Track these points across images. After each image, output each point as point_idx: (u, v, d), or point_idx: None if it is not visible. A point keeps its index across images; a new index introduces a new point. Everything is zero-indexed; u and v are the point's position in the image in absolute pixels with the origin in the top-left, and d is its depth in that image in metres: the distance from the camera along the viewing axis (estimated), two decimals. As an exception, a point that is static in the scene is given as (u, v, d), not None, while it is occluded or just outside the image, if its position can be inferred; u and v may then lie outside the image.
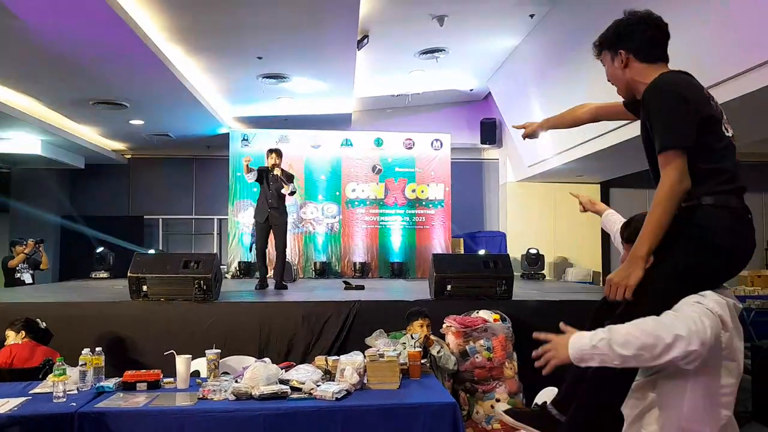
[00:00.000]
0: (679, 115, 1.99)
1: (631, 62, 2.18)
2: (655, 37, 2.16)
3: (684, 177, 1.94)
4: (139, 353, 4.28)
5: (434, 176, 10.57)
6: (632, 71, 2.18)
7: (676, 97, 2.01)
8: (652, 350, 1.72)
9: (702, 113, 2.00)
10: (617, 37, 2.21)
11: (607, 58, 2.27)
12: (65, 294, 5.94)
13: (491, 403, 4.04)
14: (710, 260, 1.95)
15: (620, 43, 2.19)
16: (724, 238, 1.95)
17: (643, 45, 2.16)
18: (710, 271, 1.97)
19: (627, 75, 2.20)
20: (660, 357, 1.72)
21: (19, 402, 2.70)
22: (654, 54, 2.16)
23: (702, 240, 1.95)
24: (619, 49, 2.19)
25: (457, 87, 10.95)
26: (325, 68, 8.21)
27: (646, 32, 2.16)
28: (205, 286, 4.61)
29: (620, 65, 2.20)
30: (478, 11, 7.44)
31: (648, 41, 2.16)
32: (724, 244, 1.95)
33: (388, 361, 3.05)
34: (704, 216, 1.96)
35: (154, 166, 11.94)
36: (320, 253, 10.28)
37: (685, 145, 1.95)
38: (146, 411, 2.65)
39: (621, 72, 2.21)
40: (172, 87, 7.92)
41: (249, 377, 2.86)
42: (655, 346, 1.71)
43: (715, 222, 1.95)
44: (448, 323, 4.31)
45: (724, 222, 1.96)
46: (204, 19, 6.53)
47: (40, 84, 7.71)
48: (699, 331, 1.73)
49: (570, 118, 2.77)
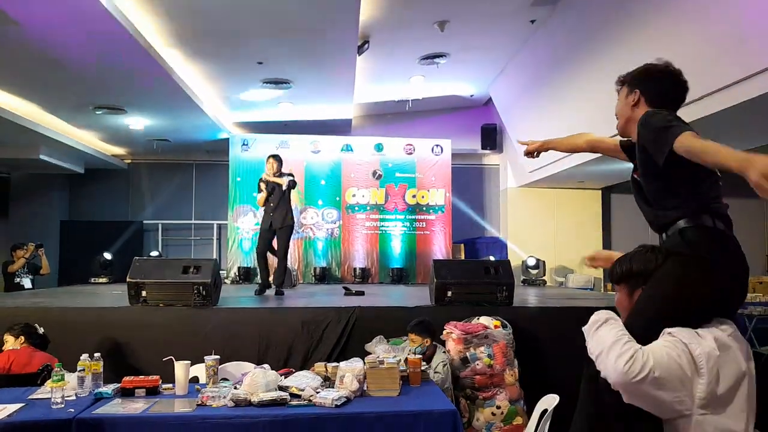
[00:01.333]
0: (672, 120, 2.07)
1: (641, 104, 2.29)
2: (673, 92, 2.28)
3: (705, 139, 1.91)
4: (137, 359, 4.25)
5: (435, 182, 10.57)
6: (638, 112, 2.26)
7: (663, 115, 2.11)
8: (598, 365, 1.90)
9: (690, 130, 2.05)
10: (640, 78, 2.32)
11: (623, 92, 2.38)
12: (64, 299, 5.91)
13: (492, 410, 4.02)
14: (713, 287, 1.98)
15: (640, 83, 2.30)
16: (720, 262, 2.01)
17: (659, 94, 2.27)
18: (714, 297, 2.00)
19: (632, 113, 2.30)
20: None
21: (17, 408, 2.67)
22: (664, 106, 2.24)
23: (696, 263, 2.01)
24: (635, 88, 2.31)
25: (458, 92, 10.96)
26: (325, 73, 8.22)
27: (667, 85, 2.27)
28: (204, 292, 4.59)
29: (631, 102, 2.31)
30: (479, 17, 7.45)
31: (665, 92, 2.27)
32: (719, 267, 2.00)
33: (388, 368, 3.02)
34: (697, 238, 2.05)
35: (154, 171, 11.94)
36: (320, 258, 10.27)
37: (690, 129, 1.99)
38: (145, 417, 2.63)
39: (629, 109, 2.32)
40: (172, 92, 7.92)
41: (248, 384, 2.84)
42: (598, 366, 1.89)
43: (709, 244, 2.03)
44: (448, 330, 4.29)
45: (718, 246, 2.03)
46: (204, 25, 6.54)
47: (40, 89, 7.71)
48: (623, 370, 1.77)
49: (568, 144, 2.93)
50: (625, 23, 6.41)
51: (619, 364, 1.78)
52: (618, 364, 1.78)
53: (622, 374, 1.76)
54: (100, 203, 11.75)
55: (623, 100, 2.36)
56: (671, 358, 1.79)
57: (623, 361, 1.77)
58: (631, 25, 6.25)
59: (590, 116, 7.56)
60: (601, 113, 7.67)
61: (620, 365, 1.77)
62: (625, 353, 1.79)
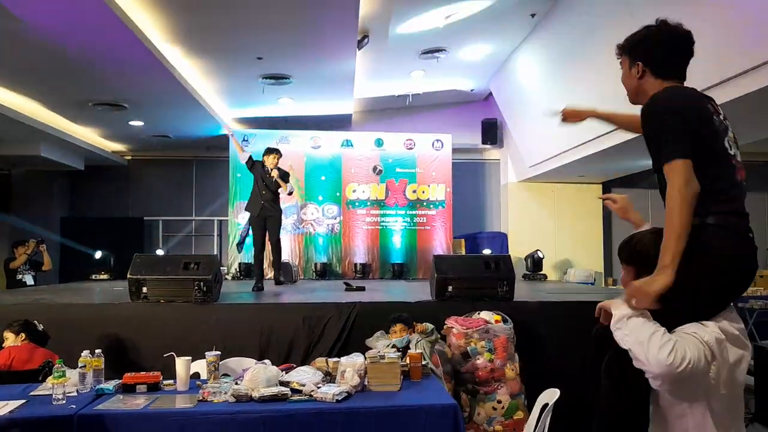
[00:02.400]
0: (672, 129, 2.03)
1: (646, 75, 2.23)
2: (676, 55, 2.21)
3: (690, 179, 1.96)
4: (138, 355, 4.26)
5: (435, 177, 10.55)
6: (647, 84, 2.23)
7: (665, 112, 2.06)
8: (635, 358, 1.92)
9: (695, 124, 2.03)
10: (640, 47, 2.25)
11: (625, 63, 2.32)
12: (65, 296, 5.92)
13: (493, 405, 4.02)
14: (714, 281, 1.99)
15: (640, 53, 2.24)
16: (728, 260, 1.99)
17: (661, 62, 2.21)
18: (713, 291, 2.00)
19: (640, 85, 2.26)
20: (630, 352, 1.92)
21: (19, 404, 2.68)
22: (669, 71, 2.21)
23: (707, 261, 1.98)
24: (637, 60, 2.24)
25: (458, 87, 10.94)
26: (325, 68, 8.20)
27: (667, 49, 2.21)
28: (205, 288, 4.60)
29: (636, 74, 2.26)
30: (478, 11, 7.42)
31: (666, 58, 2.21)
32: (728, 266, 1.99)
33: (388, 363, 3.03)
34: (708, 237, 1.99)
35: (154, 168, 11.93)
36: (321, 254, 10.27)
37: (683, 155, 1.98)
38: (146, 413, 2.64)
39: (635, 81, 2.27)
40: (172, 88, 7.91)
41: (249, 379, 2.85)
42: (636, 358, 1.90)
43: (719, 243, 1.99)
44: (449, 324, 4.30)
45: (728, 243, 1.99)
46: (203, 20, 6.52)
47: (40, 85, 7.70)
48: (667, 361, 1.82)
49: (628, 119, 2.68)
50: (625, 15, 6.39)
51: (662, 355, 1.82)
52: (661, 356, 1.82)
53: (666, 365, 1.81)
54: (101, 200, 11.74)
55: (627, 72, 2.31)
56: (700, 352, 1.87)
57: (666, 352, 1.82)
58: (632, 17, 6.22)
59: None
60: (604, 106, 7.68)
61: (663, 357, 1.82)
62: (666, 345, 1.84)
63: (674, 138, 2.02)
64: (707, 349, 1.88)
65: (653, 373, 1.85)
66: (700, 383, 1.89)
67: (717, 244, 1.99)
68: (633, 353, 1.90)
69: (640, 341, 1.87)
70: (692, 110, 2.07)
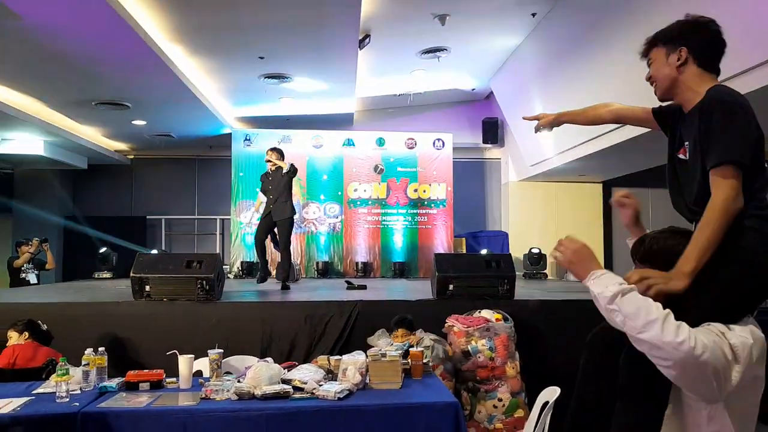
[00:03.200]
0: (743, 131, 1.92)
1: (689, 63, 2.08)
2: (717, 46, 2.09)
3: (739, 195, 1.88)
4: (141, 353, 4.28)
5: (436, 176, 10.57)
6: (687, 73, 2.09)
7: (741, 112, 1.94)
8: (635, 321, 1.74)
9: (755, 130, 1.95)
10: (681, 34, 2.10)
11: (660, 54, 2.15)
12: (68, 294, 5.94)
13: (493, 403, 4.04)
14: (751, 283, 1.92)
15: (684, 40, 2.08)
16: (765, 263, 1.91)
17: (706, 49, 2.08)
18: (749, 293, 1.94)
19: (679, 75, 2.10)
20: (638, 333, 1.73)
21: (22, 402, 2.70)
22: (711, 62, 2.09)
23: (746, 263, 1.90)
24: (681, 46, 2.08)
25: (459, 86, 10.94)
26: (326, 68, 8.22)
27: (711, 38, 2.08)
28: (207, 286, 4.62)
29: (675, 62, 2.09)
30: (479, 10, 7.44)
31: (711, 47, 2.08)
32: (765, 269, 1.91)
33: (390, 361, 3.04)
34: (748, 239, 1.90)
35: (157, 167, 11.96)
36: (322, 252, 10.29)
37: (743, 162, 1.88)
38: (149, 411, 2.65)
39: (674, 70, 2.10)
40: (175, 87, 7.93)
41: (251, 377, 2.86)
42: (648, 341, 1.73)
43: (759, 246, 1.90)
44: (450, 323, 4.31)
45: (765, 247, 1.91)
46: (206, 19, 6.54)
47: (43, 84, 7.72)
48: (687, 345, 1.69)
49: (592, 115, 2.62)
50: (626, 15, 6.40)
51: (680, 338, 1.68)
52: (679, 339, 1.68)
53: (683, 350, 1.67)
54: (104, 199, 11.77)
55: (663, 61, 2.11)
56: (716, 344, 1.77)
57: (683, 336, 1.69)
58: (633, 16, 6.23)
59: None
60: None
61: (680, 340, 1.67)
62: (683, 330, 1.70)
63: (742, 140, 1.90)
64: (728, 349, 1.77)
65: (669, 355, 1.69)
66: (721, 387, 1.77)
67: (756, 246, 1.90)
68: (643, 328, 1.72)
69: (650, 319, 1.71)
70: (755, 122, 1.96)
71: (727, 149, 1.89)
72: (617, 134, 7.51)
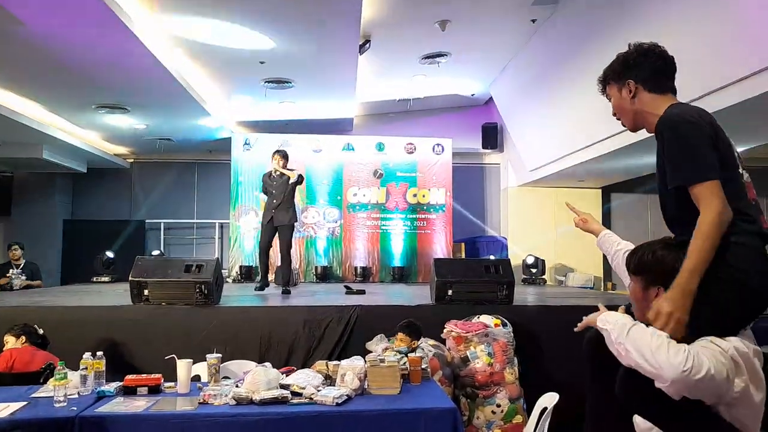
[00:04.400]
0: (699, 146, 1.94)
1: (639, 92, 2.14)
2: (663, 68, 2.14)
3: (726, 206, 1.90)
4: (139, 358, 4.27)
5: (436, 181, 10.57)
6: (641, 102, 2.14)
7: (688, 126, 1.97)
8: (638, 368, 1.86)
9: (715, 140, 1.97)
10: (625, 68, 2.17)
11: (613, 90, 2.24)
12: (67, 298, 5.94)
13: (492, 409, 4.03)
14: (740, 301, 1.93)
15: (628, 72, 2.16)
16: (755, 279, 1.92)
17: (651, 75, 2.13)
18: (739, 310, 1.95)
19: (635, 106, 2.16)
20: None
21: (20, 406, 2.69)
22: (662, 84, 2.13)
23: (734, 281, 1.91)
24: (627, 79, 2.16)
25: (459, 92, 10.97)
26: (327, 72, 8.23)
27: (654, 62, 2.13)
28: (206, 291, 4.61)
29: (628, 95, 2.17)
30: (480, 16, 7.46)
31: (656, 71, 2.13)
32: (756, 286, 1.92)
33: (388, 366, 3.04)
34: (735, 256, 1.92)
35: (156, 170, 11.96)
36: (321, 257, 10.28)
37: (716, 176, 1.91)
38: (147, 415, 2.65)
39: (629, 103, 2.17)
40: (175, 91, 7.94)
41: (250, 382, 2.86)
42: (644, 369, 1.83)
43: (746, 264, 1.91)
44: (448, 328, 4.31)
45: (755, 264, 1.92)
46: (206, 23, 6.56)
47: (43, 88, 7.73)
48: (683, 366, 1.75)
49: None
50: (625, 22, 6.41)
51: (675, 360, 1.75)
52: (675, 360, 1.75)
53: (681, 371, 1.74)
54: (103, 202, 11.77)
55: (618, 97, 2.22)
56: (717, 359, 1.80)
57: (681, 357, 1.76)
58: (632, 23, 6.24)
59: (591, 115, 7.56)
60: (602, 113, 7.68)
61: (677, 361, 1.75)
62: (679, 353, 1.77)
63: (703, 155, 1.92)
64: (729, 362, 1.81)
65: (667, 378, 1.76)
66: (723, 396, 1.81)
67: (743, 263, 1.91)
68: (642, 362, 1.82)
69: (650, 347, 1.80)
70: (712, 126, 1.99)
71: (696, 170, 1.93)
72: (615, 140, 7.53)
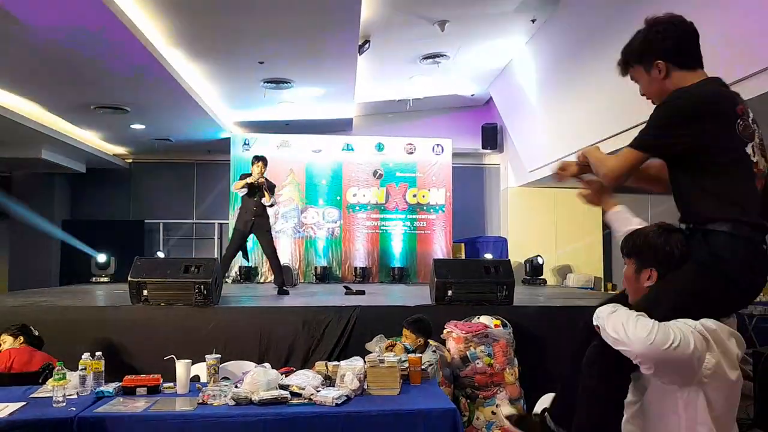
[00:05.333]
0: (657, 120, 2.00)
1: (671, 70, 2.04)
2: (687, 39, 2.05)
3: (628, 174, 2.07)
4: (139, 358, 4.27)
5: (435, 181, 10.56)
6: (673, 80, 2.04)
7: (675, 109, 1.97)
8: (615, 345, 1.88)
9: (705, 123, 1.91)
10: (648, 47, 2.07)
11: (639, 73, 2.13)
12: (66, 298, 5.93)
13: (492, 409, 4.03)
14: (723, 291, 1.91)
15: (654, 52, 2.05)
16: (740, 272, 1.89)
17: (678, 49, 2.03)
18: (721, 301, 1.94)
19: (669, 85, 2.05)
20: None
21: (19, 406, 2.68)
22: (690, 58, 2.05)
23: (717, 270, 1.88)
24: (655, 59, 2.05)
25: (459, 92, 10.96)
26: (326, 73, 8.22)
27: (678, 36, 2.04)
28: (205, 291, 4.61)
29: (659, 76, 2.06)
30: (479, 16, 7.45)
31: (681, 45, 2.04)
32: (739, 278, 1.89)
33: (388, 367, 3.03)
34: (721, 245, 1.88)
35: (155, 171, 11.95)
36: (321, 257, 10.27)
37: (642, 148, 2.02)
38: (146, 416, 2.64)
39: (661, 83, 2.06)
40: (174, 91, 7.93)
41: (249, 382, 2.85)
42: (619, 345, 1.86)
43: (731, 254, 1.87)
44: (448, 329, 4.30)
45: (741, 255, 1.87)
46: (205, 24, 6.55)
47: (42, 88, 7.72)
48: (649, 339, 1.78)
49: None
50: (626, 21, 6.40)
51: (641, 333, 1.78)
52: (640, 333, 1.78)
53: (648, 344, 1.76)
54: (102, 202, 11.76)
55: (647, 79, 2.09)
56: (683, 331, 1.81)
57: (647, 329, 1.78)
58: (633, 22, 6.23)
59: (591, 115, 7.56)
60: (603, 112, 7.70)
61: (643, 334, 1.78)
62: (647, 323, 1.81)
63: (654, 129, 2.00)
64: (698, 336, 1.81)
65: (635, 351, 1.79)
66: (696, 372, 1.81)
67: (727, 253, 1.87)
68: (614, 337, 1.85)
69: (621, 323, 1.84)
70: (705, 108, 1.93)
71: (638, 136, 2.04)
72: (615, 141, 7.52)
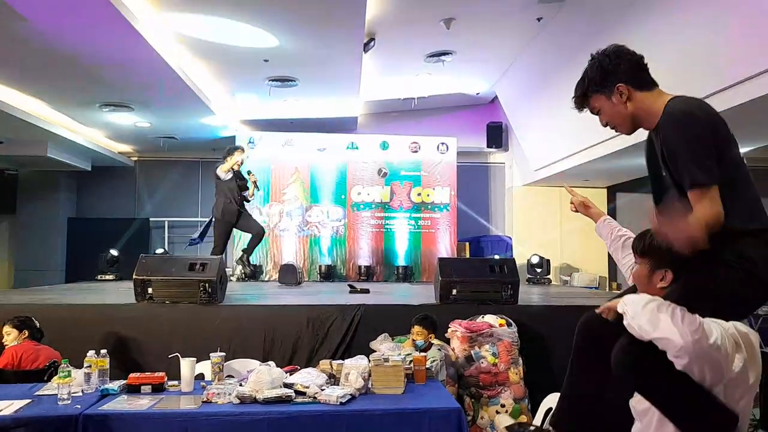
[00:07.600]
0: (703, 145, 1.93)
1: (632, 94, 2.10)
2: (638, 62, 2.13)
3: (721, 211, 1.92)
4: (143, 356, 4.28)
5: (440, 180, 10.55)
6: (636, 103, 2.11)
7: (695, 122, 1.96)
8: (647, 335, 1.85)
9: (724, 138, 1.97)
10: (607, 75, 2.13)
11: (601, 100, 2.19)
12: (71, 296, 5.94)
13: (496, 409, 4.02)
14: (751, 291, 1.96)
15: (611, 78, 2.11)
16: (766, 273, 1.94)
17: (635, 73, 2.11)
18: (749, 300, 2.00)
19: (630, 109, 2.12)
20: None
21: (24, 404, 2.69)
22: (646, 80, 2.12)
23: (747, 271, 1.93)
24: (615, 83, 2.11)
25: (464, 90, 10.94)
26: (331, 71, 8.22)
27: (630, 60, 2.12)
28: (210, 289, 4.61)
29: (620, 100, 2.12)
30: (485, 14, 7.43)
31: (635, 69, 2.11)
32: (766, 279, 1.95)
33: (392, 366, 3.03)
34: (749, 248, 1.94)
35: (161, 169, 11.98)
36: (325, 256, 10.28)
37: (716, 182, 1.92)
38: (150, 414, 2.64)
39: (625, 108, 2.13)
40: (179, 89, 7.94)
41: (253, 381, 2.85)
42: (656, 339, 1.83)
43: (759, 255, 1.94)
44: (453, 328, 4.29)
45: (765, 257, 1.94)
46: (210, 21, 6.55)
47: (47, 86, 7.75)
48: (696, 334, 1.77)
49: None
50: (632, 20, 6.39)
51: (690, 329, 1.77)
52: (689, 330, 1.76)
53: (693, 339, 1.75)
54: (107, 200, 11.81)
55: (611, 105, 2.16)
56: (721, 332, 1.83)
57: (693, 326, 1.78)
58: (638, 21, 6.22)
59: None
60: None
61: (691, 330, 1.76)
62: (693, 321, 1.80)
63: (706, 156, 1.92)
64: (731, 338, 1.84)
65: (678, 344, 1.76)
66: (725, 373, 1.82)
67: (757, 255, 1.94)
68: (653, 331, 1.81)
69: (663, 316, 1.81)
70: (720, 122, 1.99)
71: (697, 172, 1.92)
72: (622, 139, 7.49)
